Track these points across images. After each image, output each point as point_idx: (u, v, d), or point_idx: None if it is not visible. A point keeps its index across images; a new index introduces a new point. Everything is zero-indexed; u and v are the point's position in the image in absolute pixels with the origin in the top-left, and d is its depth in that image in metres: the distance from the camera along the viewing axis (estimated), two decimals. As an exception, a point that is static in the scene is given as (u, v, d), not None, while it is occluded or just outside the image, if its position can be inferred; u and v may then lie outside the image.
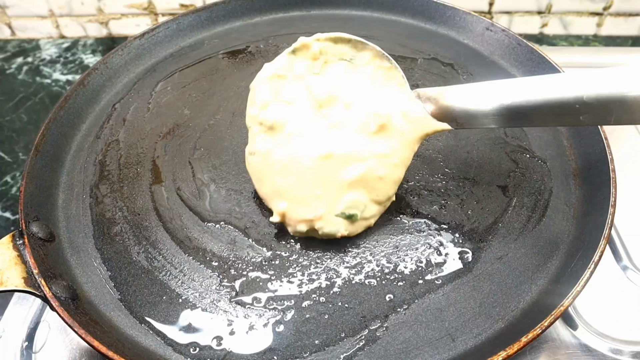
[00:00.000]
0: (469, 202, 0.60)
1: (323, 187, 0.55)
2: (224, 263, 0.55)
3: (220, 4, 0.86)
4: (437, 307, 0.52)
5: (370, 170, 0.55)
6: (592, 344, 0.58)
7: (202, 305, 0.52)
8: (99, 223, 0.60)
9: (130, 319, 0.52)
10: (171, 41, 0.82)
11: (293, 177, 0.55)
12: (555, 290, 0.51)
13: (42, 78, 1.03)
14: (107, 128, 0.71)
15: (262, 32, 0.85)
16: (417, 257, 0.55)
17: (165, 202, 0.62)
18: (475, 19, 0.79)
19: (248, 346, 0.49)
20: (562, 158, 0.65)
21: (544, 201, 0.60)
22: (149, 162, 0.66)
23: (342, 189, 0.55)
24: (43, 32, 1.13)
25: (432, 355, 0.49)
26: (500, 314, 0.51)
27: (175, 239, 0.58)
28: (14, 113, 0.96)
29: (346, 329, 0.50)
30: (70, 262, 0.56)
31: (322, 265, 0.55)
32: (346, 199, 0.55)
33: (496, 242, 0.57)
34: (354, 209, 0.55)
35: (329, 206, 0.54)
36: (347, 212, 0.55)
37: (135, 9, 1.10)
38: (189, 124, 0.71)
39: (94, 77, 0.74)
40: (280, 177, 0.55)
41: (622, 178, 0.74)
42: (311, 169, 0.55)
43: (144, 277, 0.55)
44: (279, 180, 0.55)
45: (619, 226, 0.69)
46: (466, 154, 0.65)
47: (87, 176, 0.65)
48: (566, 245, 0.56)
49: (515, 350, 0.45)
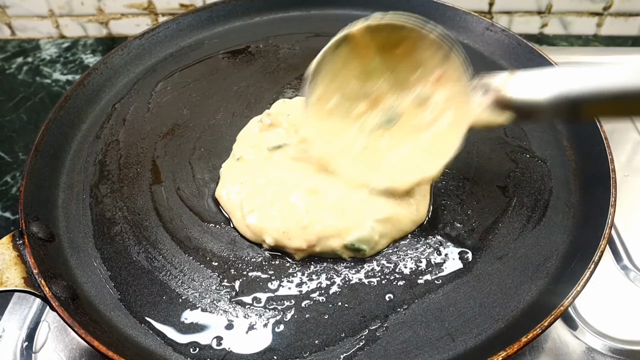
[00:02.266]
0: (469, 202, 0.60)
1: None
2: (224, 263, 0.55)
3: (220, 4, 0.86)
4: (437, 307, 0.52)
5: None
6: (592, 344, 0.58)
7: (202, 305, 0.52)
8: (99, 223, 0.60)
9: (130, 319, 0.52)
10: (171, 41, 0.82)
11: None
12: (555, 290, 0.51)
13: (42, 78, 1.03)
14: (107, 128, 0.71)
15: (262, 32, 0.85)
16: (417, 257, 0.55)
17: (165, 202, 0.61)
18: (475, 19, 0.79)
19: (248, 346, 0.49)
20: (562, 158, 0.64)
21: (544, 201, 0.60)
22: (149, 162, 0.66)
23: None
24: (43, 32, 1.13)
25: (432, 355, 0.49)
26: (500, 314, 0.51)
27: (175, 239, 0.58)
28: (14, 113, 0.96)
29: (346, 329, 0.50)
30: (70, 262, 0.56)
31: (321, 265, 0.55)
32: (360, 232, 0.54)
33: (496, 242, 0.57)
34: (365, 244, 0.54)
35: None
36: (357, 245, 0.54)
37: (135, 9, 1.10)
38: (189, 124, 0.71)
39: (94, 77, 0.74)
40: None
41: (622, 178, 0.74)
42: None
43: (144, 277, 0.55)
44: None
45: (619, 226, 0.69)
46: (466, 154, 0.65)
47: (87, 176, 0.65)
48: (566, 245, 0.56)
49: (515, 350, 0.45)
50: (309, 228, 0.54)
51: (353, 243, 0.54)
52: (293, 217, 0.55)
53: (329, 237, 0.54)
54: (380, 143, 0.57)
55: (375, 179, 0.55)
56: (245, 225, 0.56)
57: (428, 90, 0.55)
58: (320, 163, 0.58)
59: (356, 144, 0.57)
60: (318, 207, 0.55)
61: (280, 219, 0.55)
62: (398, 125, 0.57)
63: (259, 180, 0.58)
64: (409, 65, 0.56)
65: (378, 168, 0.56)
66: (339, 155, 0.57)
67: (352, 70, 0.56)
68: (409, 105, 0.56)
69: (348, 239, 0.54)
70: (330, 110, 0.57)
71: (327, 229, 0.54)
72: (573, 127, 0.66)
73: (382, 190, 0.55)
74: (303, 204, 0.55)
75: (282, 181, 0.58)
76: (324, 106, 0.57)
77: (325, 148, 0.57)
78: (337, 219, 0.54)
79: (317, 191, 0.56)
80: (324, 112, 0.57)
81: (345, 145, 0.57)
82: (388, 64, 0.56)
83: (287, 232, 0.54)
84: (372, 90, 0.57)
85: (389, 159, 0.57)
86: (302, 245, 0.54)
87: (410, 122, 0.56)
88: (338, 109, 0.57)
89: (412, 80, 0.56)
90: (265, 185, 0.58)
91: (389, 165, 0.56)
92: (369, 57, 0.56)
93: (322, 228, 0.54)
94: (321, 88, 0.56)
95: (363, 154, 0.57)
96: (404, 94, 0.56)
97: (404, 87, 0.57)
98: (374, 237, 0.54)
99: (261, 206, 0.56)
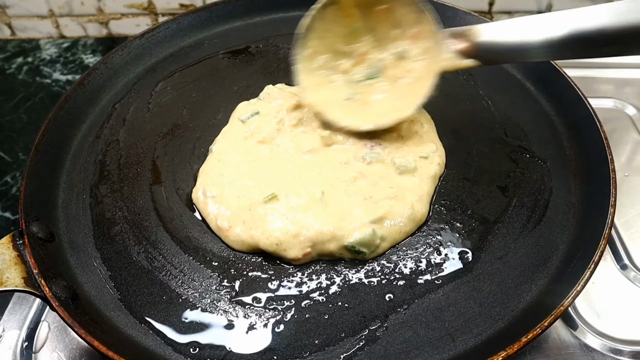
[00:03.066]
0: (469, 202, 0.60)
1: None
2: (224, 263, 0.55)
3: (220, 4, 0.86)
4: (437, 307, 0.52)
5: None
6: (592, 344, 0.58)
7: (202, 305, 0.52)
8: (99, 223, 0.60)
9: (130, 319, 0.52)
10: (171, 41, 0.82)
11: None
12: (555, 290, 0.51)
13: (42, 78, 1.03)
14: (107, 128, 0.70)
15: (262, 32, 0.85)
16: (417, 257, 0.55)
17: (165, 202, 0.61)
18: (475, 19, 0.79)
19: (248, 346, 0.49)
20: (562, 158, 0.64)
21: (544, 201, 0.60)
22: (149, 162, 0.66)
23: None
24: (43, 32, 1.13)
25: (432, 355, 0.49)
26: (500, 314, 0.51)
27: (175, 239, 0.58)
28: (14, 113, 0.96)
29: (346, 329, 0.50)
30: (70, 262, 0.56)
31: (321, 265, 0.55)
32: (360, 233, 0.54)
33: (496, 242, 0.57)
34: (365, 247, 0.54)
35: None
36: (358, 247, 0.54)
37: (135, 9, 1.10)
38: (189, 124, 0.71)
39: (94, 77, 0.74)
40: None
41: (622, 178, 0.74)
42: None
43: (144, 277, 0.55)
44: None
45: (619, 226, 0.69)
46: (466, 154, 0.65)
47: (87, 176, 0.65)
48: (566, 245, 0.56)
49: (515, 350, 0.45)
50: (300, 235, 0.54)
51: (353, 245, 0.54)
52: (277, 227, 0.54)
53: (324, 242, 0.54)
54: (366, 92, 0.64)
55: (361, 122, 0.62)
56: (237, 242, 0.56)
57: (406, 45, 0.63)
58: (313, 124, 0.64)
59: (344, 94, 0.64)
60: (300, 211, 0.55)
61: (264, 231, 0.55)
62: (381, 77, 0.64)
63: (227, 190, 0.59)
64: (389, 24, 0.63)
65: (364, 114, 0.63)
66: (328, 105, 0.63)
67: (339, 29, 0.63)
68: (390, 60, 0.64)
69: (348, 241, 0.54)
70: (320, 66, 0.64)
71: (319, 235, 0.54)
72: (573, 127, 0.66)
73: (370, 130, 0.62)
74: (276, 213, 0.55)
75: (249, 189, 0.58)
76: (314, 62, 0.64)
77: (316, 98, 0.64)
78: (328, 223, 0.54)
79: (277, 197, 0.57)
80: (314, 68, 0.64)
81: (334, 95, 0.64)
82: (370, 24, 0.64)
83: (281, 243, 0.54)
84: (357, 47, 0.64)
85: (374, 106, 0.63)
86: (298, 255, 0.54)
87: (391, 73, 0.64)
88: (327, 65, 0.65)
89: (392, 37, 0.63)
90: (232, 194, 0.58)
91: (373, 111, 0.63)
92: (354, 17, 0.63)
93: (313, 234, 0.54)
94: (311, 45, 0.63)
95: (350, 102, 0.63)
96: (385, 50, 0.64)
97: (385, 44, 0.64)
98: (375, 241, 0.54)
99: (237, 219, 0.56)
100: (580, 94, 0.66)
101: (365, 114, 0.63)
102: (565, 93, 0.68)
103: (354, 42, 0.64)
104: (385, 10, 0.62)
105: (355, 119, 0.62)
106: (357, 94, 0.64)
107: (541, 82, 0.72)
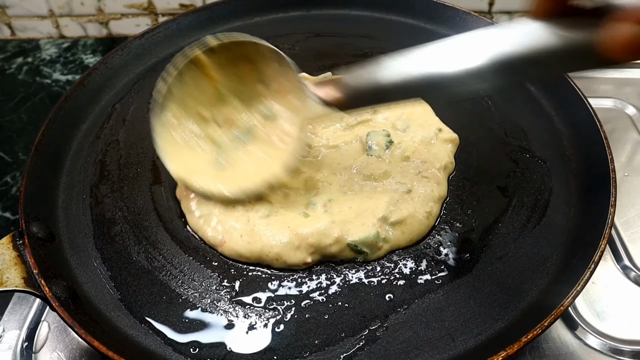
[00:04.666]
0: (469, 202, 0.60)
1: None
2: (224, 263, 0.55)
3: (220, 4, 0.86)
4: (437, 307, 0.52)
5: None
6: (592, 344, 0.58)
7: (202, 305, 0.52)
8: (99, 223, 0.60)
9: (130, 319, 0.52)
10: (171, 41, 0.82)
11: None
12: (555, 290, 0.51)
13: (42, 78, 1.03)
14: (107, 128, 0.70)
15: (262, 32, 0.85)
16: (417, 257, 0.55)
17: (165, 202, 0.61)
18: (475, 19, 0.79)
19: (248, 346, 0.49)
20: (562, 158, 0.64)
21: (544, 201, 0.60)
22: (149, 162, 0.66)
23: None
24: (43, 32, 1.13)
25: (432, 355, 0.49)
26: (500, 314, 0.51)
27: (175, 239, 0.58)
28: (14, 113, 0.95)
29: (346, 328, 0.50)
30: (70, 262, 0.56)
31: (321, 265, 0.55)
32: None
33: (496, 242, 0.57)
34: (366, 248, 0.54)
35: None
36: (360, 247, 0.54)
37: (135, 9, 1.10)
38: (189, 124, 0.71)
39: (94, 77, 0.74)
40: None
41: (622, 178, 0.74)
42: None
43: (144, 277, 0.55)
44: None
45: (619, 226, 0.69)
46: (466, 154, 0.65)
47: (87, 176, 0.65)
48: (566, 245, 0.56)
49: (515, 350, 0.45)
50: (301, 241, 0.54)
51: (356, 244, 0.54)
52: (274, 238, 0.54)
53: (326, 247, 0.54)
54: (234, 157, 0.60)
55: (226, 189, 0.57)
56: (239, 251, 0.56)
57: (272, 102, 0.59)
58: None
59: (210, 160, 0.59)
60: (281, 224, 0.55)
61: (262, 242, 0.55)
62: (250, 139, 0.60)
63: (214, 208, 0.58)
64: (253, 79, 0.59)
65: (231, 179, 0.58)
66: (194, 173, 0.58)
67: (200, 95, 0.59)
68: (258, 119, 0.60)
69: (350, 239, 0.54)
70: (183, 133, 0.59)
71: (321, 238, 0.54)
72: (573, 127, 0.66)
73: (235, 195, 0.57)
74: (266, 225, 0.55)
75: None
76: (176, 129, 0.59)
77: (179, 168, 0.58)
78: (331, 227, 0.54)
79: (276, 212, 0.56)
80: (176, 135, 0.59)
81: (199, 162, 0.59)
82: (235, 85, 0.60)
83: (281, 254, 0.54)
84: (223, 111, 0.60)
85: (242, 170, 0.59)
86: (301, 262, 0.54)
87: (260, 134, 0.60)
88: (191, 131, 0.60)
89: (257, 93, 0.60)
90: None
91: (241, 174, 0.58)
92: (216, 81, 0.59)
93: (314, 240, 0.54)
94: (171, 112, 0.58)
95: (218, 168, 0.59)
96: (252, 111, 0.60)
97: (252, 104, 0.60)
98: (378, 242, 0.54)
99: (230, 233, 0.56)
100: (580, 94, 0.66)
101: (233, 179, 0.58)
102: (565, 93, 0.68)
103: (219, 105, 0.60)
104: (249, 69, 0.58)
105: (222, 185, 0.57)
106: (226, 159, 0.59)
107: (541, 83, 0.72)
